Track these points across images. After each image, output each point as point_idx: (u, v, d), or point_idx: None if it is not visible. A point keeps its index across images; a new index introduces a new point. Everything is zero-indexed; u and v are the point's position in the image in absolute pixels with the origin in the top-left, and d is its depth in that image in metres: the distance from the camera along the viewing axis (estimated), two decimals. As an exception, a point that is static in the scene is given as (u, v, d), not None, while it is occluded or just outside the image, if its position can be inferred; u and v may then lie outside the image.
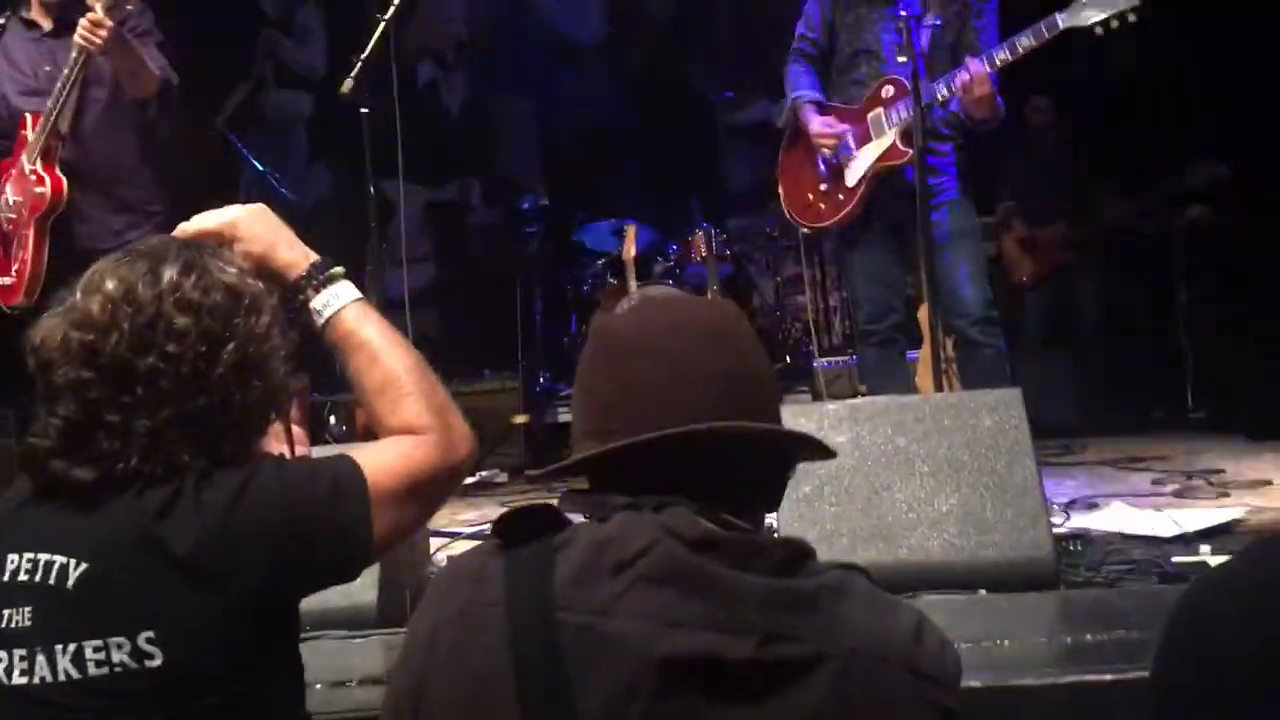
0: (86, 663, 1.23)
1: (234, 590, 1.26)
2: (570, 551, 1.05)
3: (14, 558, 1.28)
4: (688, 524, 1.04)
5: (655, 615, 1.00)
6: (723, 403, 1.10)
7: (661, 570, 1.01)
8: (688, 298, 1.24)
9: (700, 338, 1.14)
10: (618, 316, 1.20)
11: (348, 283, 1.51)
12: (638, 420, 1.10)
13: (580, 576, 1.03)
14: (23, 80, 3.52)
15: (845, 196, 3.65)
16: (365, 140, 3.50)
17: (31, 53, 3.53)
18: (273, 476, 1.32)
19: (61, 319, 1.31)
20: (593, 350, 1.18)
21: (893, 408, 2.57)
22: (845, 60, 3.70)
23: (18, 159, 3.46)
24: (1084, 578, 2.45)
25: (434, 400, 1.45)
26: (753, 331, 1.21)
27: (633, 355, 1.14)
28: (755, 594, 1.01)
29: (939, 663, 1.04)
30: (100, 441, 1.27)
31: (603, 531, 1.06)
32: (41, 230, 3.40)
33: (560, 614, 1.02)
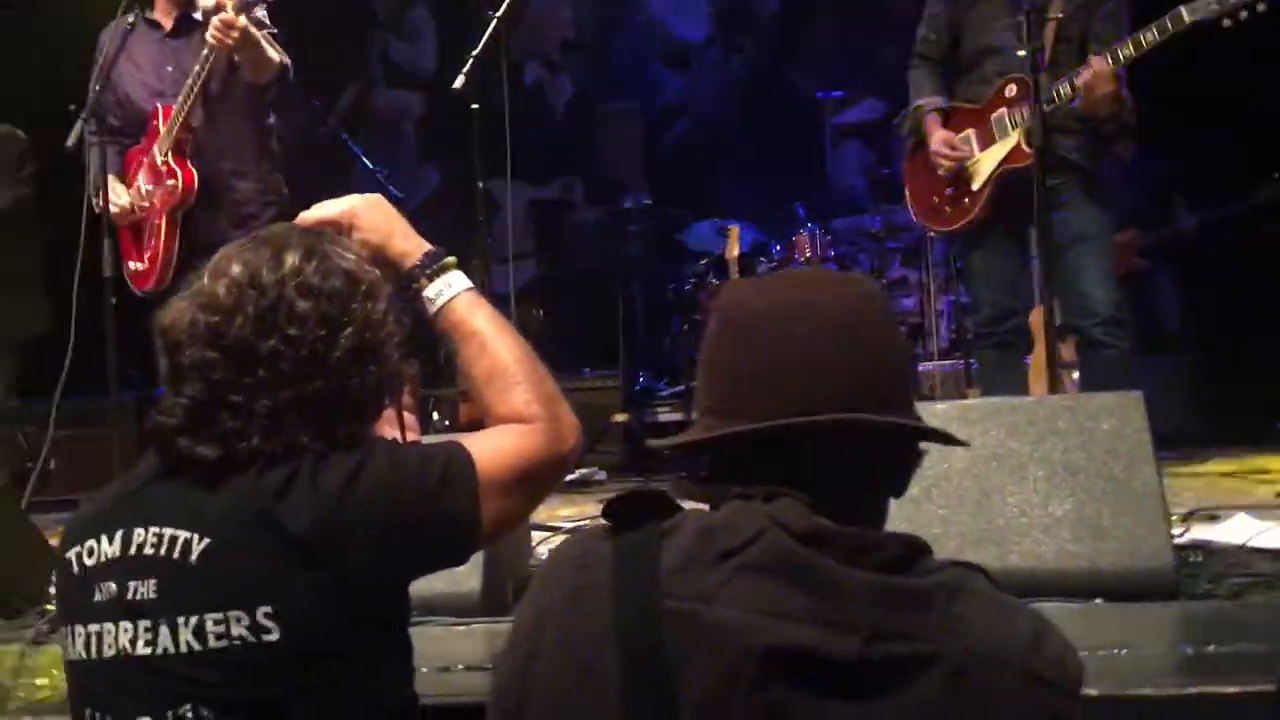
0: (207, 635, 1.27)
1: (346, 569, 1.29)
2: (677, 538, 1.05)
3: (140, 531, 1.32)
4: (796, 516, 1.02)
5: (759, 605, 0.99)
6: (850, 392, 1.06)
7: (767, 561, 1.00)
8: (824, 276, 1.25)
9: (832, 322, 1.08)
10: (747, 292, 1.15)
11: (460, 273, 1.53)
12: (760, 404, 1.07)
13: (685, 563, 1.02)
14: (146, 80, 3.65)
15: (970, 200, 3.61)
16: (474, 136, 3.54)
17: (154, 53, 3.65)
18: (385, 460, 1.34)
19: (189, 302, 1.35)
20: (719, 325, 1.13)
21: (1005, 409, 2.50)
22: (970, 58, 3.64)
23: (149, 150, 3.60)
24: (1205, 589, 2.36)
25: (542, 390, 1.46)
26: (891, 313, 1.16)
27: (760, 336, 1.09)
28: (864, 590, 0.99)
29: (1059, 669, 1.00)
30: (224, 421, 1.31)
31: (711, 519, 1.05)
32: (174, 220, 3.54)
33: (665, 600, 1.01)
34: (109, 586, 1.31)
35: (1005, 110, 3.51)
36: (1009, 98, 3.51)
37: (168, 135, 3.53)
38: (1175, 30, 3.17)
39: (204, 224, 3.57)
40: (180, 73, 3.62)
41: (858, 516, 1.05)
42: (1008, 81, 3.51)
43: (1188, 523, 2.98)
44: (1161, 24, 3.19)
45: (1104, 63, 3.25)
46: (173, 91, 3.62)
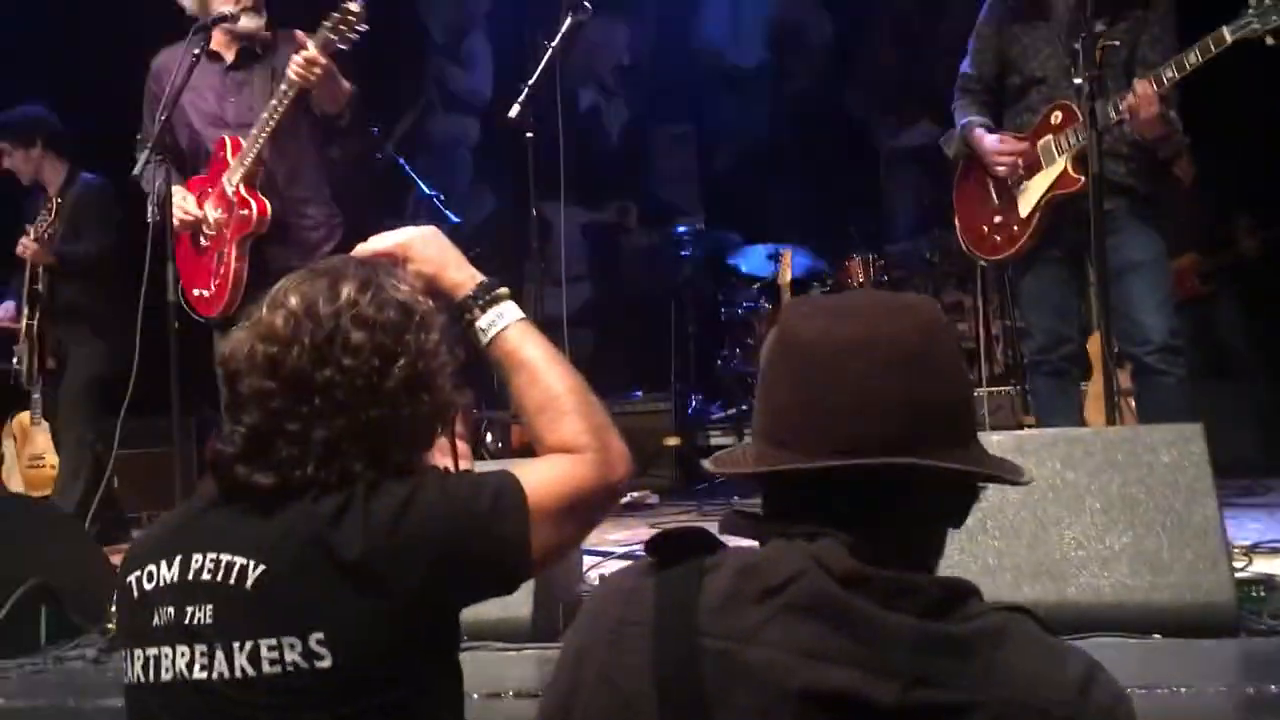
0: (262, 661, 1.28)
1: (398, 597, 1.30)
2: (718, 575, 1.04)
3: (198, 557, 1.34)
4: (838, 558, 1.00)
5: (797, 647, 0.98)
6: (902, 434, 1.03)
7: (807, 601, 0.99)
8: (886, 303, 1.13)
9: (887, 360, 1.04)
10: (806, 318, 1.10)
11: (512, 303, 1.54)
12: (810, 439, 1.05)
13: (725, 602, 1.02)
14: (210, 110, 3.72)
15: (1020, 228, 3.57)
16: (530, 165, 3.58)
17: (216, 85, 3.73)
18: (437, 489, 1.36)
19: (248, 332, 1.37)
20: (775, 349, 1.11)
21: (1062, 440, 2.47)
22: (1015, 91, 3.62)
23: (215, 180, 3.68)
24: (1268, 625, 2.31)
25: (593, 420, 1.47)
26: (952, 346, 1.11)
27: (814, 369, 1.06)
28: (904, 635, 0.97)
29: (1107, 716, 0.97)
30: (280, 449, 1.33)
31: (752, 557, 1.04)
32: (243, 249, 3.61)
33: (703, 638, 1.00)
34: (167, 611, 1.34)
35: (1052, 136, 3.48)
36: (1055, 124, 3.47)
37: (239, 166, 3.60)
38: (1218, 50, 3.13)
39: (273, 252, 3.65)
40: (243, 104, 3.69)
41: (906, 555, 1.04)
42: (1054, 108, 3.48)
43: (1250, 555, 2.92)
44: (1204, 45, 3.15)
45: (1148, 86, 3.21)
46: (236, 122, 3.69)
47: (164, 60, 3.76)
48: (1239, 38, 3.09)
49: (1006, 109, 3.66)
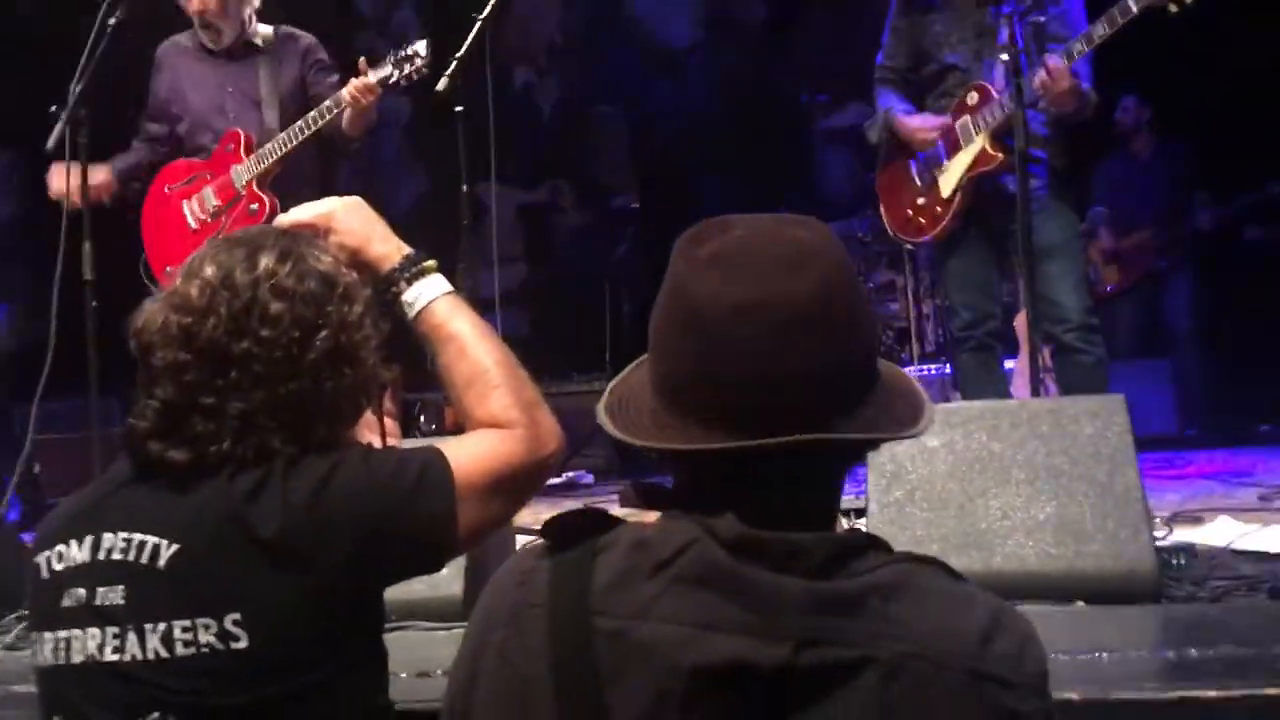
0: (175, 642, 1.25)
1: (318, 576, 1.27)
2: (612, 554, 1.03)
3: (109, 536, 1.30)
4: (727, 525, 0.99)
5: (690, 618, 0.97)
6: (802, 403, 0.99)
7: (697, 572, 0.98)
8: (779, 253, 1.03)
9: (783, 324, 0.99)
10: (697, 272, 1.04)
11: (439, 276, 1.52)
12: (707, 408, 1.02)
13: (619, 579, 1.01)
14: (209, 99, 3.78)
15: (943, 209, 3.64)
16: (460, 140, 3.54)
17: (209, 73, 3.79)
18: (359, 465, 1.33)
19: (162, 303, 1.34)
20: (667, 307, 1.05)
21: (988, 413, 2.50)
22: (932, 78, 3.71)
23: (220, 170, 3.72)
24: (1188, 592, 2.35)
25: (522, 395, 1.45)
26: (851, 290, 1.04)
27: (705, 335, 1.01)
28: (793, 597, 0.96)
29: (1012, 664, 0.95)
30: (195, 424, 1.30)
31: (644, 532, 1.04)
32: None
33: (596, 618, 1.00)
34: (78, 592, 1.30)
35: (969, 116, 3.55)
36: (971, 105, 3.54)
37: (257, 163, 3.67)
38: (1125, 21, 3.19)
39: None
40: (241, 95, 3.75)
41: (804, 516, 1.02)
42: (970, 89, 3.54)
43: (1171, 525, 2.99)
44: (1110, 16, 3.22)
45: (1060, 60, 3.27)
46: (229, 112, 3.75)
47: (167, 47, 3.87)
48: (1144, 7, 3.15)
49: (926, 95, 3.73)
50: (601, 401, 1.12)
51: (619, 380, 1.14)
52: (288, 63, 3.80)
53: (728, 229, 1.05)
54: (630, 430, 1.07)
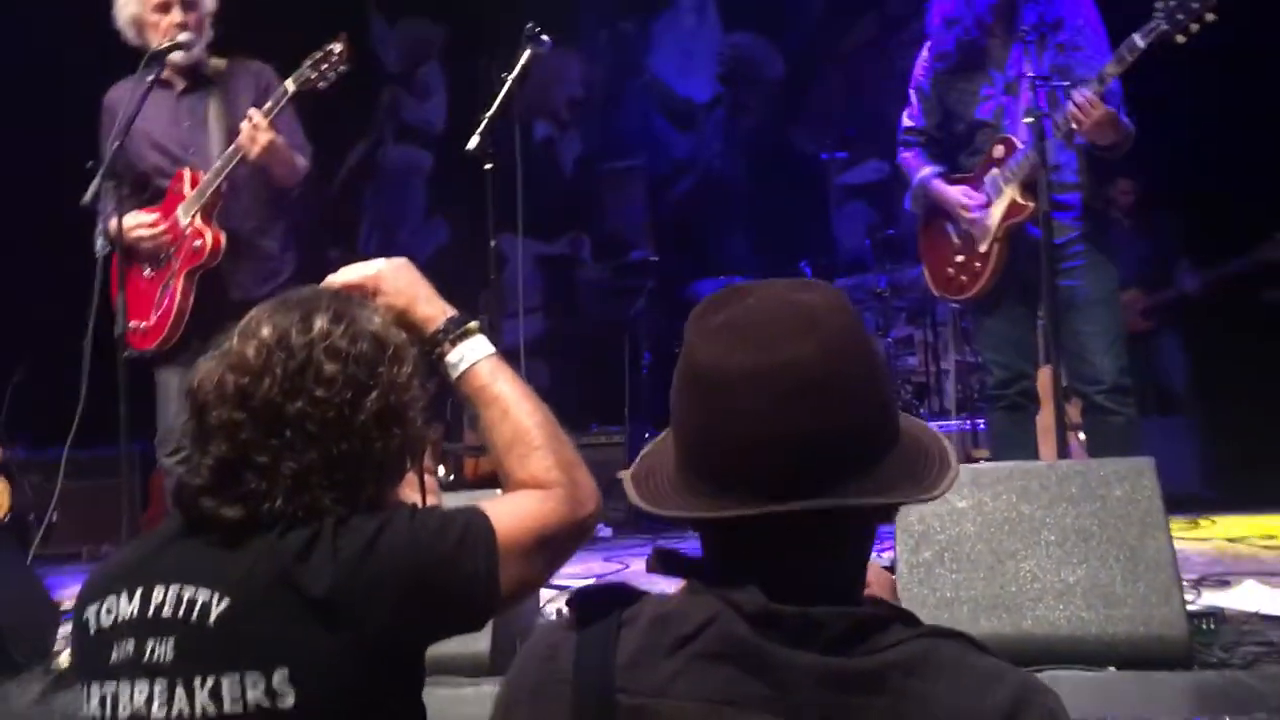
0: (224, 698, 1.26)
1: (365, 633, 1.28)
2: (634, 628, 1.03)
3: (160, 590, 1.31)
4: (749, 598, 0.99)
5: (709, 695, 0.97)
6: (807, 470, 0.99)
7: (718, 647, 0.98)
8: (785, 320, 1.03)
9: (785, 392, 0.99)
10: (704, 339, 1.05)
11: (483, 337, 1.54)
12: (718, 474, 1.03)
13: (640, 655, 1.01)
14: (158, 138, 3.66)
15: (981, 264, 3.64)
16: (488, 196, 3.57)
17: (165, 111, 3.68)
18: (405, 525, 1.34)
19: (218, 362, 1.36)
20: (680, 374, 1.07)
21: (1017, 474, 2.50)
22: (961, 136, 3.73)
23: (169, 211, 3.63)
24: (1218, 658, 2.33)
25: (562, 456, 1.47)
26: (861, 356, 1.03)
27: (710, 400, 1.02)
28: (809, 673, 0.95)
29: None
30: (248, 481, 1.31)
31: (666, 606, 1.04)
32: (190, 282, 3.55)
33: (619, 694, 1.00)
34: (126, 646, 1.30)
35: (996, 170, 3.58)
36: (997, 157, 3.57)
37: (198, 199, 3.57)
38: (1133, 58, 3.22)
39: (227, 282, 3.61)
40: (195, 128, 3.66)
41: (825, 587, 1.01)
42: (995, 142, 3.58)
43: (1198, 589, 2.97)
44: (1119, 55, 3.25)
45: (1086, 92, 3.28)
46: (185, 147, 3.66)
47: (117, 94, 3.72)
48: (1150, 41, 3.18)
49: (959, 154, 3.75)
50: (630, 469, 1.14)
51: (650, 448, 1.15)
52: (242, 92, 3.68)
53: (740, 297, 1.06)
54: (649, 498, 1.09)
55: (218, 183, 3.53)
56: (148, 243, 3.56)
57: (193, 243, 3.55)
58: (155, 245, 3.58)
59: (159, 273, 3.61)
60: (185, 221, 3.58)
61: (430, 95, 7.70)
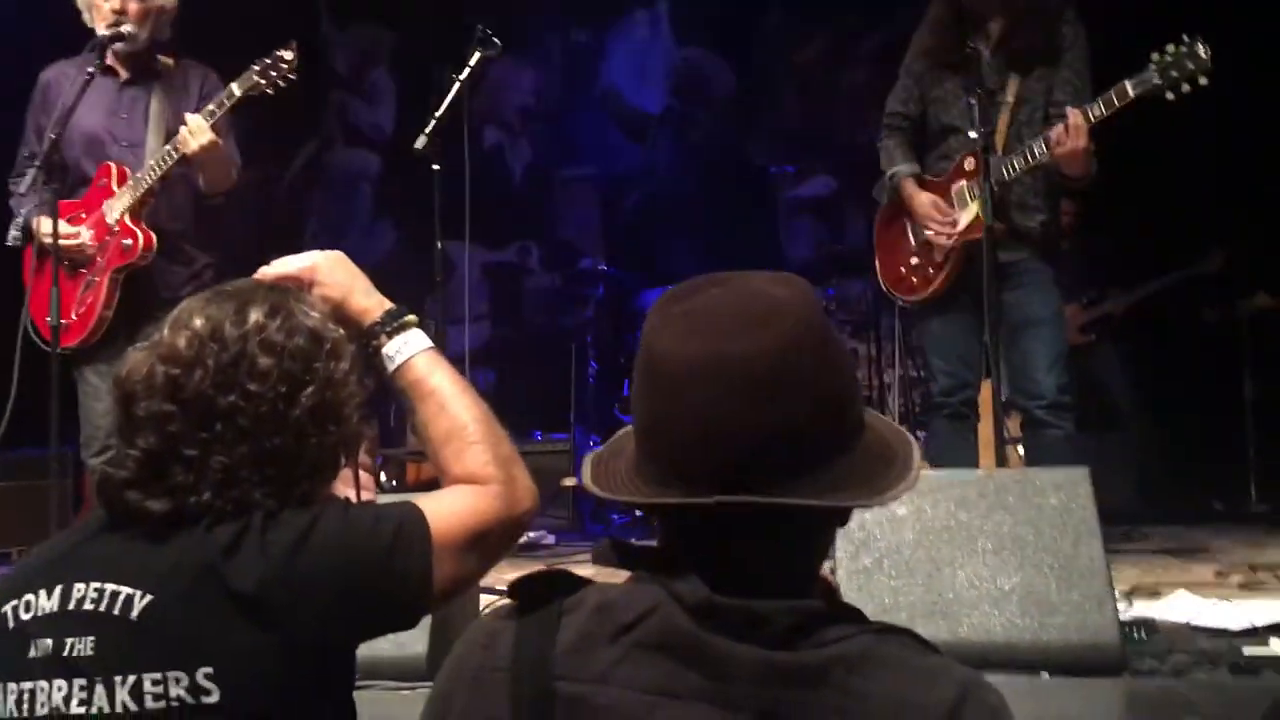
0: (144, 695, 1.23)
1: (293, 631, 1.26)
2: (576, 616, 1.02)
3: (80, 586, 1.28)
4: (692, 589, 0.98)
5: (649, 685, 0.96)
6: (751, 465, 0.97)
7: (658, 638, 0.97)
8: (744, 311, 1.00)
9: (733, 386, 0.97)
10: (660, 328, 1.04)
11: (419, 331, 1.52)
12: (666, 463, 1.02)
13: (581, 643, 1.00)
14: (93, 128, 3.60)
15: (934, 270, 3.68)
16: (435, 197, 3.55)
17: (107, 102, 3.62)
18: (337, 520, 1.32)
19: (148, 353, 1.33)
20: (638, 362, 1.06)
21: (956, 482, 2.53)
22: (934, 135, 3.74)
23: (93, 206, 3.56)
24: (1150, 666, 2.38)
25: (499, 451, 1.45)
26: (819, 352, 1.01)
27: (661, 391, 1.01)
28: (752, 667, 0.94)
29: None
30: (175, 475, 1.28)
31: (609, 594, 1.03)
32: (116, 281, 3.49)
33: (558, 682, 0.99)
34: (45, 643, 1.27)
35: (965, 183, 3.60)
36: (968, 171, 3.58)
37: (127, 195, 3.51)
38: (1121, 104, 3.27)
39: (154, 281, 3.55)
40: (134, 123, 3.60)
41: (771, 582, 0.99)
42: (967, 155, 3.58)
43: (1130, 599, 3.02)
44: (1107, 98, 3.29)
45: (1079, 117, 3.30)
46: (119, 139, 3.60)
47: (55, 74, 3.66)
48: (1140, 92, 3.23)
49: (927, 153, 3.76)
50: (591, 455, 1.12)
51: (617, 435, 1.14)
52: (183, 92, 3.64)
53: (711, 286, 1.04)
54: (603, 482, 1.08)
55: (152, 183, 3.48)
56: (74, 251, 3.50)
57: (122, 241, 3.49)
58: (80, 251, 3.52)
59: (82, 270, 3.53)
60: (113, 219, 3.52)
61: (379, 100, 7.65)
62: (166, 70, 3.66)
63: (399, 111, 7.54)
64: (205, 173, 3.53)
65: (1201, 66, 3.16)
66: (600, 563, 1.09)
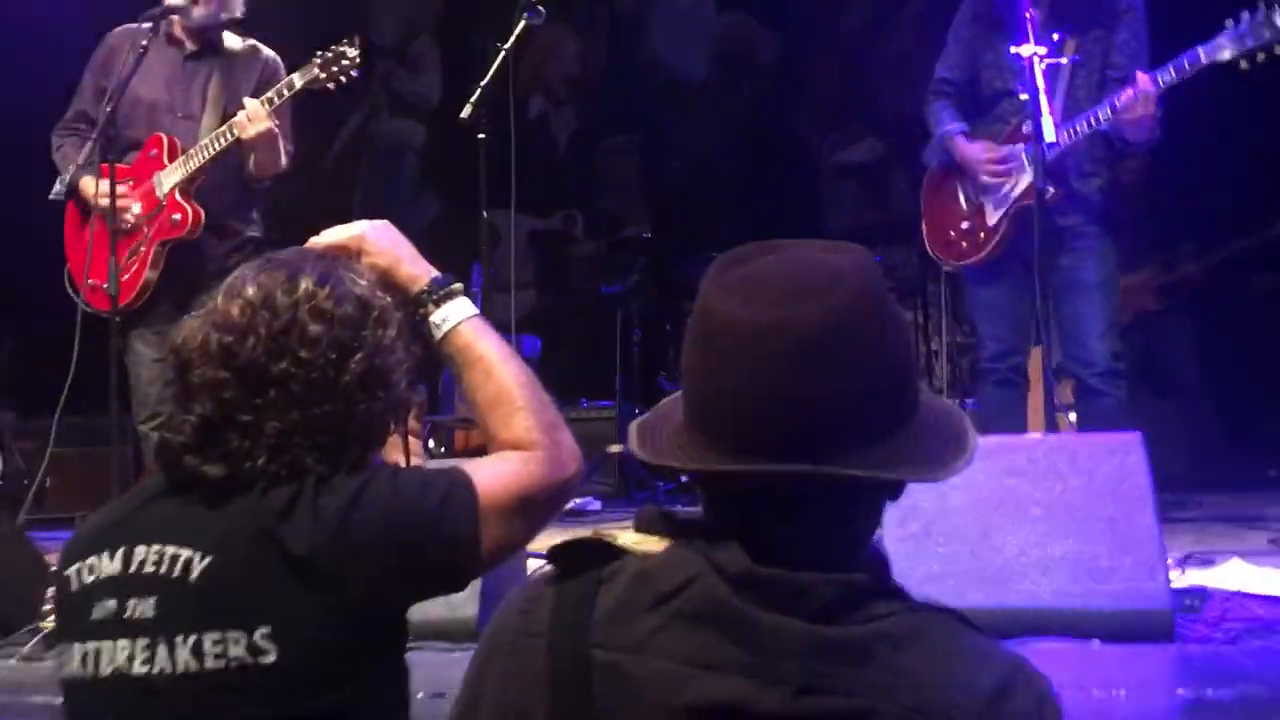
0: (205, 655, 1.26)
1: (345, 593, 1.28)
2: (615, 584, 1.01)
3: (141, 549, 1.31)
4: (733, 558, 0.96)
5: (687, 656, 0.95)
6: (807, 433, 0.95)
7: (698, 608, 0.96)
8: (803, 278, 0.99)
9: (791, 351, 0.95)
10: (721, 292, 1.01)
11: (466, 299, 1.53)
12: (720, 431, 0.99)
13: (620, 611, 0.99)
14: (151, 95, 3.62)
15: (986, 235, 3.63)
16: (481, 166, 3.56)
17: (167, 70, 3.64)
18: (387, 485, 1.34)
19: (202, 321, 1.35)
20: (694, 326, 1.03)
21: (1005, 448, 2.51)
22: (987, 99, 3.69)
23: (143, 176, 3.59)
24: (1201, 634, 2.35)
25: (545, 417, 1.46)
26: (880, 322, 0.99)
27: (725, 354, 0.98)
28: (795, 640, 0.92)
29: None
30: (231, 440, 1.31)
31: (649, 563, 1.01)
32: (160, 253, 3.54)
33: (594, 650, 0.98)
34: (108, 604, 1.30)
35: (1022, 146, 3.53)
36: (1026, 134, 3.49)
37: (179, 169, 3.53)
38: (1192, 72, 3.22)
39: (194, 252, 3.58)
40: (193, 96, 3.62)
41: (817, 554, 0.98)
42: (1026, 118, 3.47)
43: (1183, 567, 2.98)
44: (1179, 64, 3.24)
45: (1150, 84, 3.25)
46: (176, 110, 3.62)
47: (119, 38, 3.65)
48: (1215, 59, 3.18)
49: (979, 117, 3.71)
50: (638, 419, 1.11)
51: (666, 400, 1.12)
52: (244, 74, 3.64)
53: (765, 253, 1.03)
54: (649, 448, 1.06)
55: (205, 161, 3.51)
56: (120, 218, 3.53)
57: (171, 215, 3.54)
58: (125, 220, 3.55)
59: (128, 237, 3.57)
60: (163, 191, 3.55)
61: (424, 69, 7.65)
62: (233, 49, 3.68)
63: (444, 81, 7.55)
64: (257, 157, 3.55)
65: (1278, 36, 3.09)
66: (643, 529, 1.08)
